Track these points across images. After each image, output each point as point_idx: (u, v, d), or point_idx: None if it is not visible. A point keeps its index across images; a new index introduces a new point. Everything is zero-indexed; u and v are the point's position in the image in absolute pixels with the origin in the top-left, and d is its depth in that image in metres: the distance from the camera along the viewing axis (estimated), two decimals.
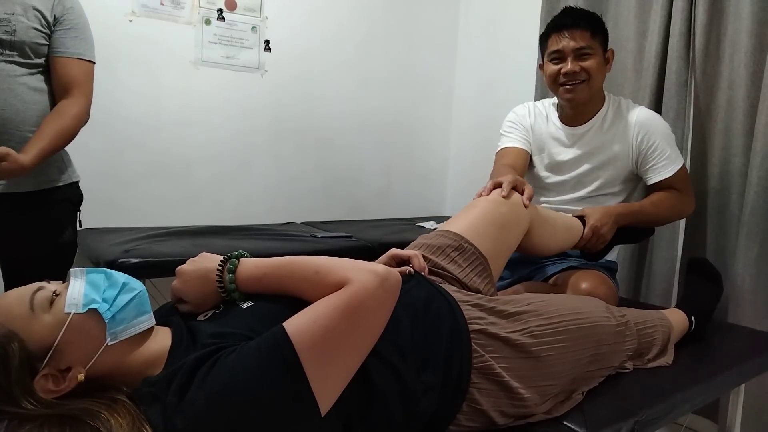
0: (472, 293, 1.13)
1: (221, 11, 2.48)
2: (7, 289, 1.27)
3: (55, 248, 1.56)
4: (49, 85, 1.49)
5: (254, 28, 2.57)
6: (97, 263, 1.73)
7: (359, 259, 0.88)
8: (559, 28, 1.67)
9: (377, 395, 0.84)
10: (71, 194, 1.59)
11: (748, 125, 1.81)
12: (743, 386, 1.54)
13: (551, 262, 1.73)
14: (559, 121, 1.81)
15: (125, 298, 0.81)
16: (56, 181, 1.53)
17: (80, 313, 0.77)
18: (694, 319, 1.46)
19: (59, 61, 1.47)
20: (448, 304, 1.00)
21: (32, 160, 1.34)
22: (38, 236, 1.51)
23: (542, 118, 1.84)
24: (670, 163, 1.68)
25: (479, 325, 0.99)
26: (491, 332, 0.99)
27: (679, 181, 1.70)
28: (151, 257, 1.76)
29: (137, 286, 0.84)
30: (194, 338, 0.83)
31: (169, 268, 1.37)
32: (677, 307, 1.52)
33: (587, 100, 1.70)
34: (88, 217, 1.70)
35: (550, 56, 1.70)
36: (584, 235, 1.55)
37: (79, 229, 1.66)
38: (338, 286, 0.80)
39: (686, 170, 1.75)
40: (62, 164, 1.55)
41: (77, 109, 1.48)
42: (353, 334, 0.78)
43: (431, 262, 1.19)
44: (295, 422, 0.72)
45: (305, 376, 0.72)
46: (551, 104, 1.86)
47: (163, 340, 0.84)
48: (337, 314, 0.76)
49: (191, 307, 0.92)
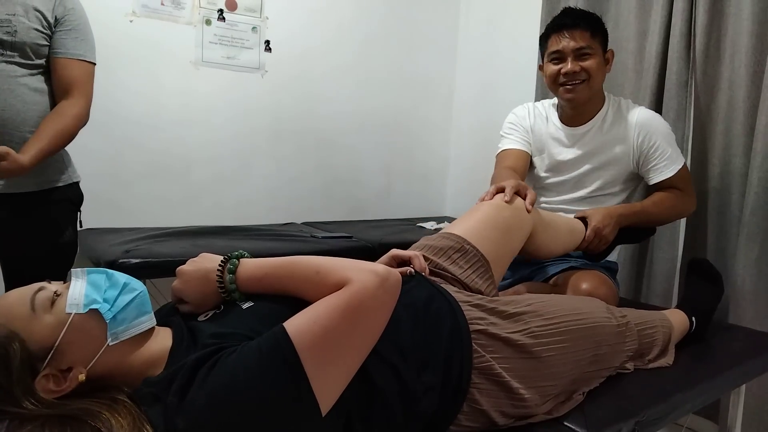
0: (472, 294, 1.13)
1: (222, 11, 2.48)
2: (7, 289, 1.27)
3: (55, 248, 1.56)
4: (49, 85, 1.49)
5: (255, 28, 2.57)
6: (97, 263, 1.73)
7: (359, 259, 0.88)
8: (558, 28, 1.68)
9: (377, 395, 0.84)
10: (72, 194, 1.60)
11: (748, 126, 1.81)
12: (744, 387, 1.54)
13: (552, 262, 1.73)
14: (559, 121, 1.81)
15: (126, 298, 0.81)
16: (56, 181, 1.53)
17: (81, 313, 0.77)
18: (694, 319, 1.46)
19: (60, 61, 1.47)
20: (448, 304, 1.00)
21: (31, 159, 1.34)
22: (39, 236, 1.52)
23: (542, 118, 1.84)
24: (671, 162, 1.69)
25: (480, 325, 0.99)
26: (492, 332, 0.99)
27: (680, 180, 1.70)
28: (151, 257, 1.77)
29: (138, 286, 0.84)
30: (195, 338, 0.83)
31: (169, 268, 1.38)
32: (678, 307, 1.52)
33: (587, 100, 1.70)
34: (88, 217, 1.71)
35: (550, 56, 1.70)
36: (586, 236, 1.55)
37: (79, 229, 1.66)
38: (339, 286, 0.80)
39: (687, 169, 1.75)
40: (62, 164, 1.56)
41: (77, 109, 1.48)
42: (354, 334, 0.78)
43: (432, 262, 1.19)
44: (295, 422, 0.72)
45: (306, 375, 0.72)
46: (551, 105, 1.86)
47: (163, 340, 0.84)
48: (337, 314, 0.76)
49: (192, 307, 0.92)
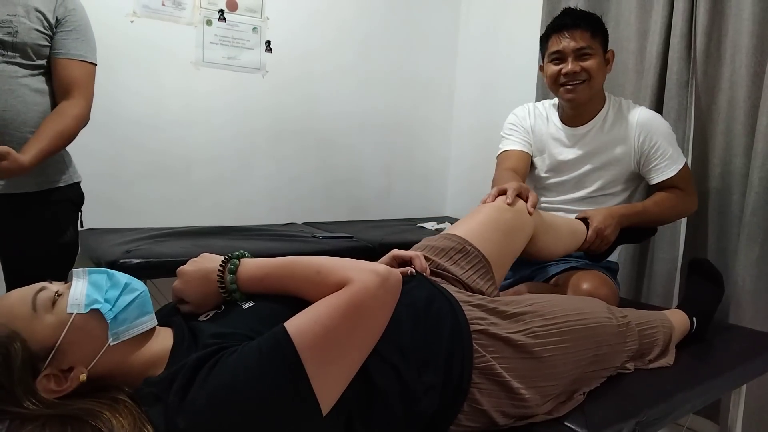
0: (473, 294, 1.13)
1: (222, 12, 2.48)
2: (8, 289, 1.27)
3: (56, 248, 1.56)
4: (50, 86, 1.49)
5: (255, 28, 2.57)
6: (98, 263, 1.73)
7: (360, 259, 0.88)
8: (559, 28, 1.68)
9: (378, 395, 0.84)
10: (72, 195, 1.60)
11: (749, 126, 1.81)
12: (744, 387, 1.54)
13: (553, 262, 1.72)
14: (559, 121, 1.81)
15: (127, 298, 0.81)
16: (57, 181, 1.54)
17: (82, 313, 0.77)
18: (695, 319, 1.46)
19: (60, 62, 1.47)
20: (449, 304, 1.00)
21: (31, 159, 1.34)
22: (39, 236, 1.52)
23: (542, 119, 1.84)
24: (672, 162, 1.69)
25: (480, 325, 0.99)
26: (492, 332, 0.99)
27: (681, 180, 1.70)
28: (152, 258, 1.77)
29: (139, 286, 0.84)
30: (195, 338, 0.83)
31: (170, 268, 1.37)
32: (678, 307, 1.52)
33: (588, 100, 1.70)
34: (89, 217, 1.71)
35: (550, 57, 1.70)
36: (588, 237, 1.55)
37: (80, 229, 1.66)
38: (339, 286, 0.80)
39: (688, 169, 1.75)
40: (63, 165, 1.56)
41: (77, 110, 1.48)
42: (354, 333, 0.78)
43: (434, 263, 1.19)
44: (296, 422, 0.73)
45: (306, 375, 0.72)
46: (551, 105, 1.86)
47: (164, 340, 0.84)
48: (338, 314, 0.76)
49: (192, 307, 0.92)
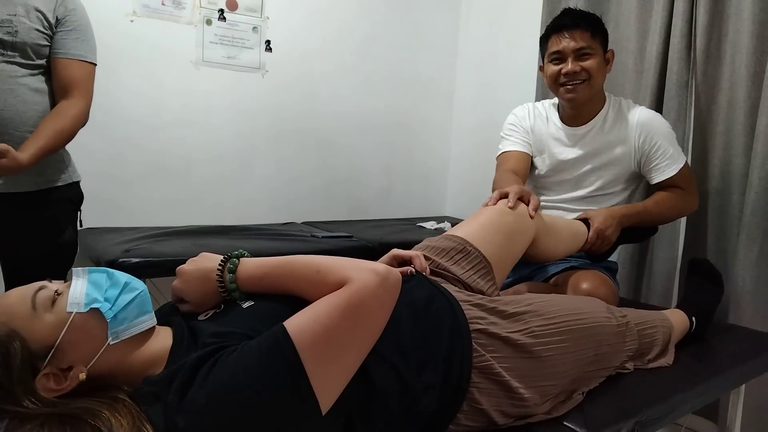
0: (473, 293, 1.13)
1: (222, 11, 2.48)
2: (8, 288, 1.27)
3: (55, 248, 1.56)
4: (49, 86, 1.49)
5: (255, 28, 2.57)
6: (97, 263, 1.73)
7: (360, 259, 0.88)
8: (559, 28, 1.68)
9: (378, 394, 0.84)
10: (72, 194, 1.60)
11: (748, 126, 1.81)
12: (743, 387, 1.54)
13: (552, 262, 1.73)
14: (559, 121, 1.81)
15: (127, 297, 0.81)
16: (56, 180, 1.54)
17: (82, 312, 0.77)
18: (694, 319, 1.46)
19: (60, 62, 1.47)
20: (448, 303, 1.00)
21: (30, 158, 1.34)
22: (39, 236, 1.52)
23: (542, 119, 1.84)
24: (672, 162, 1.69)
25: (480, 324, 0.99)
26: (492, 332, 0.99)
27: (682, 179, 1.70)
28: (151, 257, 1.77)
29: (139, 285, 0.84)
30: (195, 338, 0.83)
31: (169, 267, 1.38)
32: (678, 307, 1.52)
33: (588, 100, 1.70)
34: (88, 216, 1.71)
35: (550, 57, 1.70)
36: (589, 238, 1.56)
37: (79, 228, 1.66)
38: (339, 285, 0.80)
39: (689, 168, 1.75)
40: (62, 164, 1.56)
41: (77, 110, 1.48)
42: (354, 333, 0.78)
43: (434, 262, 1.19)
44: (296, 421, 0.73)
45: (306, 375, 0.72)
46: (551, 104, 1.86)
47: (164, 339, 0.84)
48: (337, 313, 0.76)
49: (192, 306, 0.92)
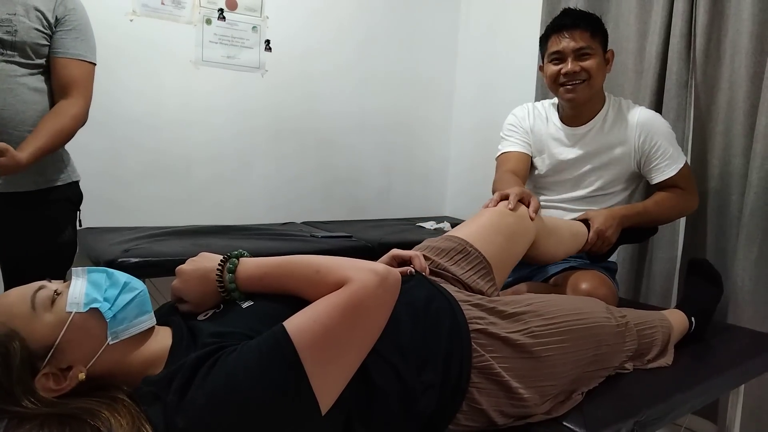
0: (472, 293, 1.13)
1: (222, 11, 2.48)
2: (7, 288, 1.27)
3: (55, 248, 1.56)
4: (48, 85, 1.49)
5: (255, 27, 2.57)
6: (97, 263, 1.73)
7: (359, 259, 0.88)
8: (558, 28, 1.68)
9: (377, 394, 0.84)
10: (71, 194, 1.59)
11: (748, 126, 1.81)
12: (743, 387, 1.55)
13: None
14: (559, 121, 1.81)
15: (126, 297, 0.81)
16: (56, 180, 1.53)
17: (81, 312, 0.77)
18: (694, 319, 1.46)
19: (59, 61, 1.47)
20: (448, 303, 1.00)
21: (28, 157, 1.33)
22: (38, 235, 1.52)
23: (542, 119, 1.84)
24: (672, 162, 1.69)
25: (479, 324, 0.99)
26: (491, 332, 0.99)
27: (682, 179, 1.70)
28: (151, 257, 1.77)
29: (138, 285, 0.84)
30: (194, 338, 0.83)
31: (169, 267, 1.38)
32: (677, 307, 1.52)
33: (588, 100, 1.70)
34: (88, 216, 1.71)
35: (550, 57, 1.70)
36: (589, 239, 1.56)
37: (79, 228, 1.66)
38: (338, 285, 0.80)
39: (689, 168, 1.75)
40: (62, 164, 1.56)
41: (76, 109, 1.48)
42: (353, 333, 0.78)
43: (434, 263, 1.19)
44: (295, 421, 0.73)
45: (306, 375, 0.72)
46: (551, 104, 1.86)
47: (163, 339, 0.84)
48: (337, 313, 0.76)
49: (191, 306, 0.92)
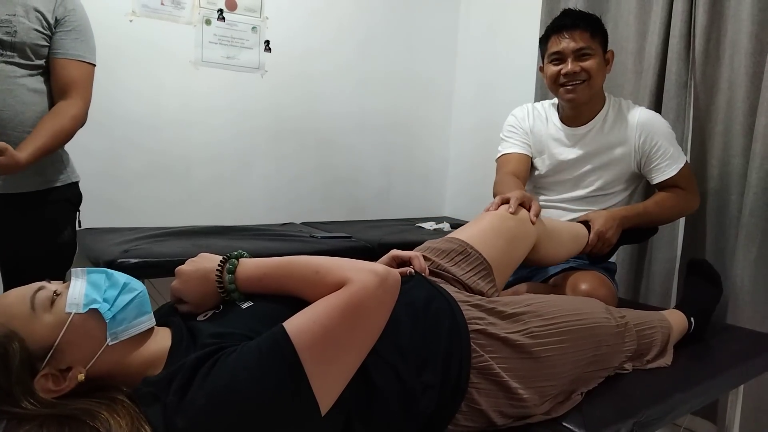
0: (472, 294, 1.13)
1: (221, 11, 2.48)
2: (6, 289, 1.27)
3: (54, 248, 1.56)
4: (48, 86, 1.49)
5: (254, 28, 2.57)
6: (96, 263, 1.72)
7: (359, 259, 0.88)
8: (558, 29, 1.68)
9: (377, 394, 0.84)
10: (70, 194, 1.60)
11: (747, 126, 1.81)
12: (742, 387, 1.54)
13: None
14: (559, 121, 1.81)
15: (126, 298, 0.81)
16: (55, 181, 1.53)
17: (81, 313, 0.77)
18: (693, 320, 1.46)
19: (59, 62, 1.47)
20: (447, 304, 1.00)
21: (28, 157, 1.33)
22: (37, 236, 1.51)
23: (541, 119, 1.84)
24: (673, 162, 1.69)
25: (479, 325, 0.99)
26: (491, 332, 0.99)
27: (682, 179, 1.70)
28: (150, 257, 1.76)
29: (138, 286, 0.84)
30: (194, 338, 0.83)
31: (168, 268, 1.38)
32: (676, 308, 1.52)
33: (588, 100, 1.70)
34: (87, 217, 1.71)
35: (550, 57, 1.70)
36: (590, 240, 1.56)
37: (78, 229, 1.66)
38: (338, 285, 0.80)
39: (689, 167, 1.75)
40: (61, 164, 1.56)
41: (75, 110, 1.48)
42: (353, 333, 0.78)
43: (434, 263, 1.19)
44: (295, 422, 0.73)
45: (305, 375, 0.72)
46: (551, 105, 1.86)
47: (163, 340, 0.84)
48: (337, 314, 0.77)
49: (191, 307, 0.92)
